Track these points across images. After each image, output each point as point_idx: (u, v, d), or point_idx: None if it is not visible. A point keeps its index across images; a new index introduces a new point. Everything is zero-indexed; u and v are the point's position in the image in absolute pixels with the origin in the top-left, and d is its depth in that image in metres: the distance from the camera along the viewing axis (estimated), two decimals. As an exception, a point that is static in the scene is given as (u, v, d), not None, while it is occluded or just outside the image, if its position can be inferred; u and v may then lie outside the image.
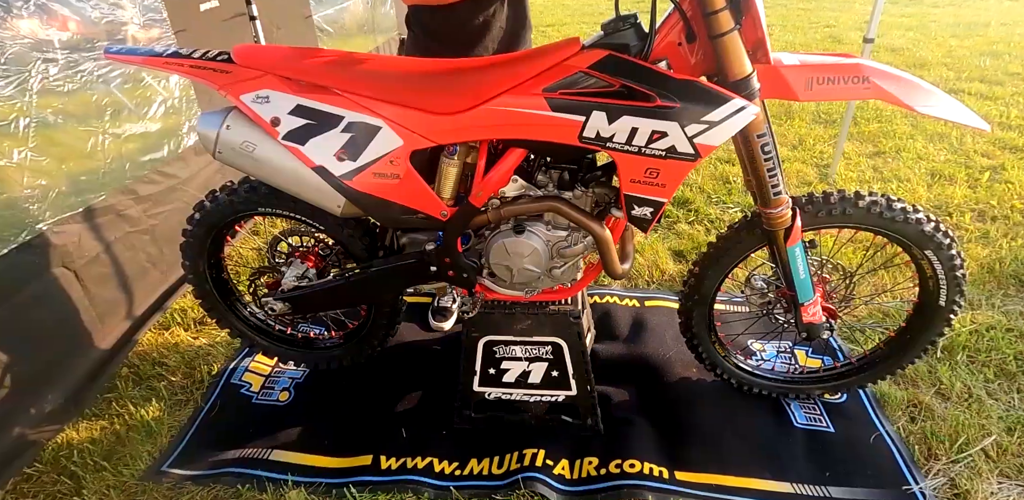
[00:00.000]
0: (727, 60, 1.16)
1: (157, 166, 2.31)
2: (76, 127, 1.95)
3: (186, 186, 2.45)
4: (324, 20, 3.93)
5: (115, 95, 2.14)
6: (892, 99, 1.21)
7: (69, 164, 1.90)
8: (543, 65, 1.25)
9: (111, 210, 2.05)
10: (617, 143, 1.22)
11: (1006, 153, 3.60)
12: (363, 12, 4.67)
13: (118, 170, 2.11)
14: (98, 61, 2.04)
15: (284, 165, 1.38)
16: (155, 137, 2.33)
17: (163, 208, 2.31)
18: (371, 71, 1.34)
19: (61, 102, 1.88)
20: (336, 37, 4.13)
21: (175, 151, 2.43)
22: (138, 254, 2.18)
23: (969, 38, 6.75)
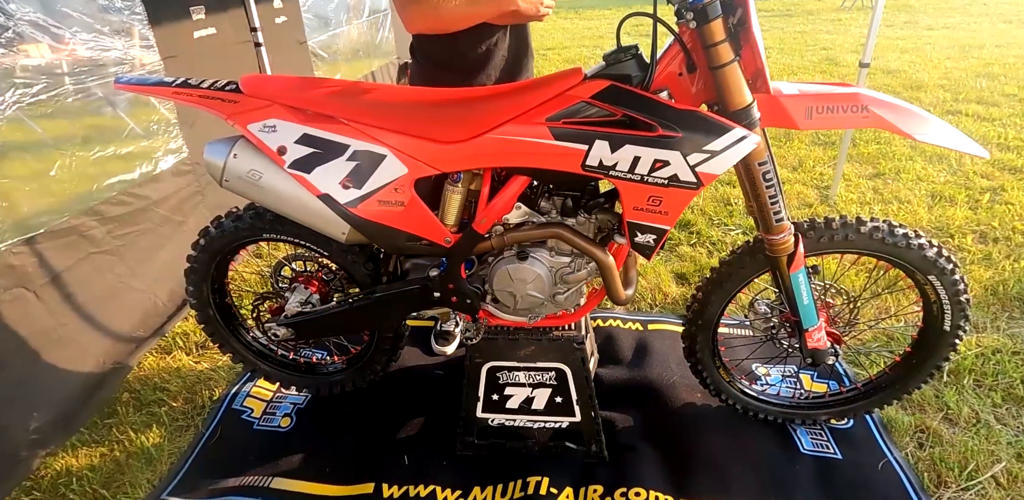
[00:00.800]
0: (727, 90, 1.18)
1: (127, 187, 2.29)
2: (44, 150, 1.97)
3: (157, 207, 2.44)
4: (318, 45, 4.01)
5: (90, 118, 2.16)
6: (891, 127, 1.22)
7: (32, 186, 1.90)
8: (546, 95, 1.27)
9: (73, 231, 2.03)
10: (620, 171, 1.23)
11: (1005, 174, 3.62)
12: (357, 37, 4.77)
13: (84, 192, 2.10)
14: (76, 85, 2.07)
15: (290, 193, 1.40)
16: (128, 159, 2.32)
17: (131, 229, 2.29)
18: (376, 101, 1.36)
19: (30, 126, 1.90)
20: (330, 62, 4.21)
21: (149, 173, 2.42)
22: (105, 275, 2.15)
23: (964, 60, 6.84)
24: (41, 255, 1.91)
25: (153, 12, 2.43)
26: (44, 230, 1.92)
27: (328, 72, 4.18)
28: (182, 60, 2.63)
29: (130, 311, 2.24)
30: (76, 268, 2.03)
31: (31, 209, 1.89)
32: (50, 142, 1.99)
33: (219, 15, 2.91)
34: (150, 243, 2.38)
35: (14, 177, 1.84)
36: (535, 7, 1.61)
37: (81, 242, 2.07)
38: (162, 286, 2.40)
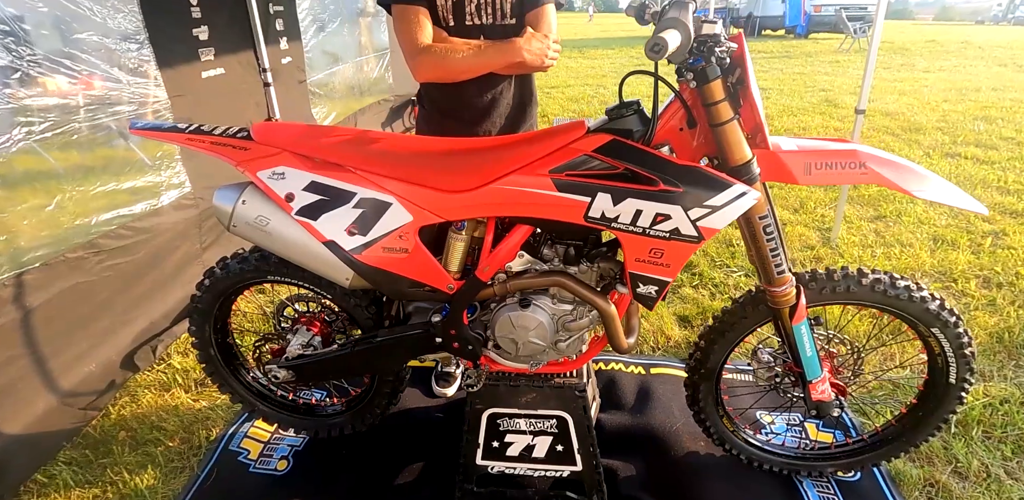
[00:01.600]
0: (728, 147, 1.21)
1: (127, 221, 2.32)
2: (48, 183, 2.00)
3: (156, 240, 2.47)
4: (315, 84, 4.13)
5: (93, 153, 2.21)
6: (889, 184, 1.24)
7: (31, 220, 1.93)
8: (550, 147, 1.30)
9: (67, 263, 2.05)
10: (622, 224, 1.25)
11: (1006, 218, 3.64)
12: (354, 75, 4.94)
13: (83, 226, 2.13)
14: (82, 123, 2.13)
15: (296, 239, 1.41)
16: (129, 194, 2.36)
17: (123, 259, 2.30)
18: (383, 150, 1.39)
19: (42, 156, 1.95)
20: (326, 98, 4.33)
21: (150, 208, 2.45)
22: (85, 304, 2.14)
23: (961, 103, 6.97)
24: (27, 286, 1.91)
25: (161, 54, 2.51)
26: (39, 264, 1.94)
27: (325, 108, 4.29)
28: (189, 99, 2.70)
29: (103, 337, 2.22)
30: (62, 296, 2.03)
31: (28, 243, 1.92)
32: (58, 173, 2.04)
33: (228, 57, 3.01)
34: (139, 270, 2.39)
35: (12, 211, 1.87)
36: (540, 59, 1.66)
37: (72, 273, 2.08)
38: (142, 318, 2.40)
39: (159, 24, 2.49)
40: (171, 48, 2.59)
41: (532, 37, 1.64)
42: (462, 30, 1.67)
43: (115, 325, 2.28)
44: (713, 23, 1.06)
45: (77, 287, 2.09)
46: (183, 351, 2.51)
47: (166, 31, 2.54)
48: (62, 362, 2.03)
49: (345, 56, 4.82)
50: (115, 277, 2.26)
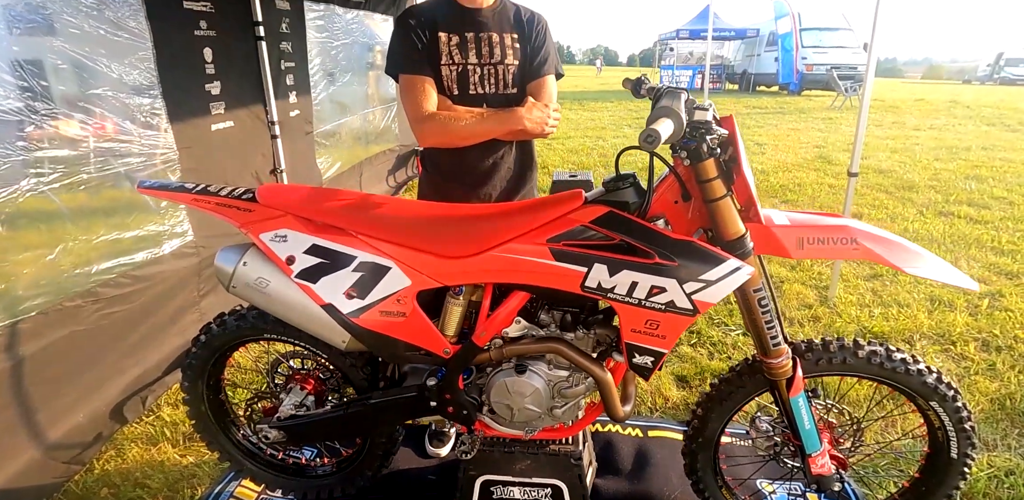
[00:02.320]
0: (721, 222, 1.24)
1: (127, 270, 2.32)
2: (50, 232, 2.02)
3: (154, 288, 2.47)
4: (321, 135, 4.25)
5: (100, 203, 2.25)
6: (881, 260, 1.26)
7: (31, 268, 1.94)
8: (548, 217, 1.33)
9: (64, 311, 2.04)
10: (618, 294, 1.26)
11: (1002, 279, 3.66)
12: (359, 127, 5.08)
13: (83, 274, 2.13)
14: (91, 174, 2.17)
15: (294, 301, 1.42)
16: (132, 242, 2.38)
17: (120, 307, 2.29)
18: (385, 215, 1.42)
19: (40, 210, 1.97)
20: (332, 148, 4.44)
21: (151, 256, 2.46)
22: (79, 353, 2.12)
23: (952, 161, 7.13)
24: (23, 334, 1.90)
25: (173, 108, 2.59)
26: (36, 313, 1.93)
27: (330, 158, 4.39)
28: (198, 150, 2.77)
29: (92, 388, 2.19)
30: (55, 346, 2.01)
31: (26, 292, 1.92)
32: (64, 222, 2.07)
33: (238, 110, 3.10)
34: (134, 322, 2.37)
35: (14, 260, 1.89)
36: (540, 127, 1.71)
37: (67, 321, 2.07)
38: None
39: (173, 79, 2.58)
40: (183, 102, 2.67)
41: (533, 106, 1.70)
42: (466, 99, 1.73)
43: (106, 375, 2.26)
44: (704, 110, 1.11)
45: (72, 336, 2.08)
46: (173, 402, 2.47)
47: (179, 86, 2.64)
48: (50, 413, 1.99)
49: (353, 108, 4.97)
50: (110, 326, 2.25)
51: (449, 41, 1.71)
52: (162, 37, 2.49)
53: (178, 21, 2.63)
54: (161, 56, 2.50)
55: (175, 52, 2.59)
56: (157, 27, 2.47)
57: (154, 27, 2.46)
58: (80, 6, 2.15)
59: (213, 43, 2.85)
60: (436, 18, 1.72)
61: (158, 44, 2.48)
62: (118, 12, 2.30)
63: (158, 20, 2.47)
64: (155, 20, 2.45)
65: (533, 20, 1.80)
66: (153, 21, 2.45)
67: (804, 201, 5.39)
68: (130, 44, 2.37)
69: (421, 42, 1.70)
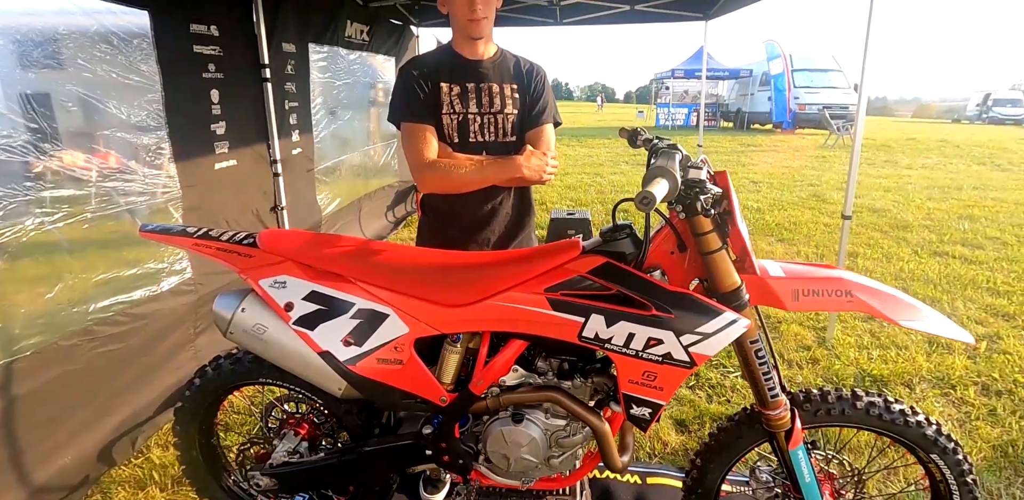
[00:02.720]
0: (717, 274, 1.25)
1: (125, 308, 2.32)
2: (50, 271, 2.03)
3: (151, 326, 2.45)
4: (322, 172, 4.32)
5: (101, 242, 2.26)
6: (876, 312, 1.27)
7: (29, 308, 1.93)
8: (546, 266, 1.34)
9: (59, 350, 2.02)
10: (615, 345, 1.27)
11: (999, 320, 3.66)
12: (359, 163, 5.17)
13: (80, 313, 2.12)
14: (94, 213, 2.19)
15: (291, 348, 1.42)
16: (130, 280, 2.38)
17: (116, 346, 2.27)
18: (384, 262, 1.44)
19: (42, 250, 1.99)
20: (331, 184, 4.52)
21: (149, 294, 2.45)
22: (70, 393, 2.09)
23: (945, 201, 7.22)
24: (16, 373, 1.88)
25: (178, 148, 2.63)
26: (30, 352, 1.92)
27: (330, 194, 4.44)
28: (201, 189, 2.80)
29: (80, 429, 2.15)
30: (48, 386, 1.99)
31: (23, 330, 1.91)
32: (65, 261, 2.08)
33: (241, 149, 3.15)
34: (128, 360, 2.35)
35: (12, 299, 1.88)
36: (539, 174, 1.74)
37: (63, 361, 2.05)
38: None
39: (180, 120, 2.63)
40: (188, 142, 2.72)
41: (532, 154, 1.73)
42: (466, 147, 1.77)
43: (97, 415, 2.22)
44: (699, 168, 1.14)
45: (64, 375, 2.07)
46: (164, 444, 2.42)
47: (185, 127, 2.69)
48: (36, 455, 1.95)
49: (354, 144, 5.06)
50: (104, 365, 2.23)
51: (451, 91, 1.76)
52: (171, 80, 2.56)
53: (187, 64, 2.71)
54: (169, 98, 2.56)
55: (183, 94, 2.65)
56: (167, 70, 2.54)
57: (164, 70, 2.52)
58: (95, 51, 2.21)
59: (220, 85, 2.92)
60: (439, 69, 1.77)
61: (167, 86, 2.54)
62: (130, 56, 2.37)
63: (168, 64, 2.54)
64: (165, 64, 2.52)
65: (532, 71, 1.86)
66: (163, 64, 2.52)
67: (800, 240, 5.43)
68: (140, 86, 2.44)
69: (423, 92, 1.74)
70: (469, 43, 1.78)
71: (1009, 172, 10.01)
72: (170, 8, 2.55)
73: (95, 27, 2.21)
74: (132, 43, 2.37)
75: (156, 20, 2.47)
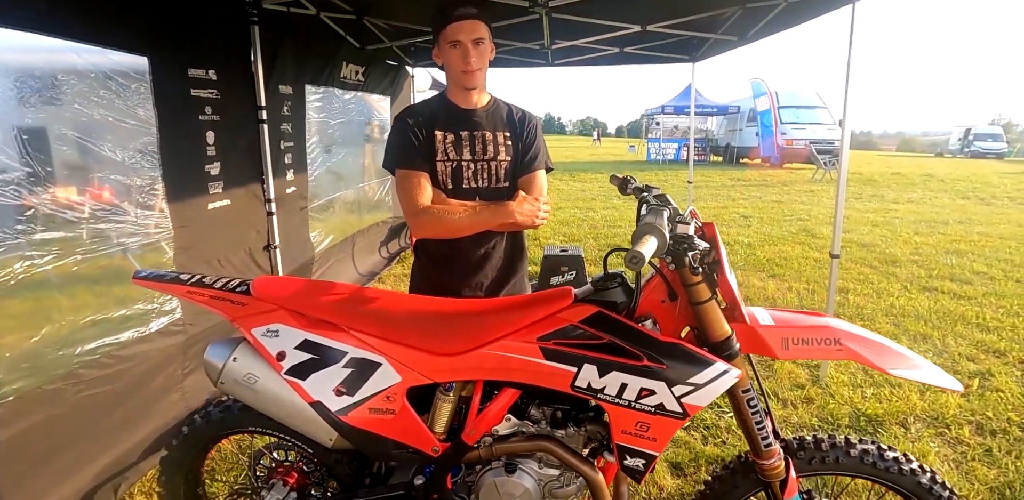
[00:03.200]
0: (707, 324, 1.27)
1: (112, 350, 2.29)
2: (38, 314, 2.01)
3: (138, 368, 2.42)
4: (315, 209, 4.35)
5: (91, 283, 2.24)
6: (866, 361, 1.28)
7: (15, 352, 1.91)
8: (538, 315, 1.35)
9: (43, 395, 1.99)
10: (608, 395, 1.27)
11: (990, 357, 3.67)
12: (353, 200, 5.22)
13: (66, 356, 2.10)
14: (85, 255, 2.18)
15: (282, 399, 1.41)
16: (119, 322, 2.35)
17: (101, 388, 2.23)
18: (377, 310, 1.44)
19: (29, 293, 1.97)
20: (325, 221, 4.54)
21: (137, 335, 2.43)
22: (52, 438, 2.04)
23: (932, 235, 7.33)
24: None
25: (172, 189, 2.65)
26: (13, 398, 1.88)
27: (322, 232, 4.46)
28: (193, 229, 2.80)
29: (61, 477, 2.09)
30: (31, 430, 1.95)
31: (7, 375, 1.88)
32: (53, 303, 2.05)
33: (235, 189, 3.17)
34: (113, 403, 2.31)
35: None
36: (531, 220, 1.77)
37: (47, 406, 2.01)
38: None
39: (175, 162, 2.66)
40: (183, 183, 2.74)
41: (524, 200, 1.76)
42: (459, 193, 1.80)
43: (79, 460, 2.17)
44: (687, 223, 1.17)
45: (47, 420, 2.02)
46: (147, 491, 2.36)
47: (180, 168, 2.71)
48: (10, 505, 1.90)
49: (348, 181, 5.10)
50: (88, 409, 2.19)
51: (445, 139, 1.80)
52: (167, 123, 2.59)
53: (184, 107, 2.75)
54: (165, 140, 2.59)
55: (179, 136, 2.69)
56: (163, 114, 2.57)
57: (160, 114, 2.56)
58: (92, 96, 2.25)
59: (216, 127, 2.96)
60: (433, 117, 1.82)
61: (163, 129, 2.58)
62: (128, 100, 2.41)
63: (165, 107, 2.58)
64: (162, 107, 2.56)
65: (525, 119, 1.91)
66: (160, 108, 2.56)
67: (791, 276, 5.47)
68: (136, 129, 2.47)
69: (418, 139, 1.78)
70: (463, 93, 1.83)
71: (993, 206, 10.21)
72: (169, 53, 2.61)
73: (94, 73, 2.25)
74: (130, 87, 2.41)
75: (155, 65, 2.52)
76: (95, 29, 2.22)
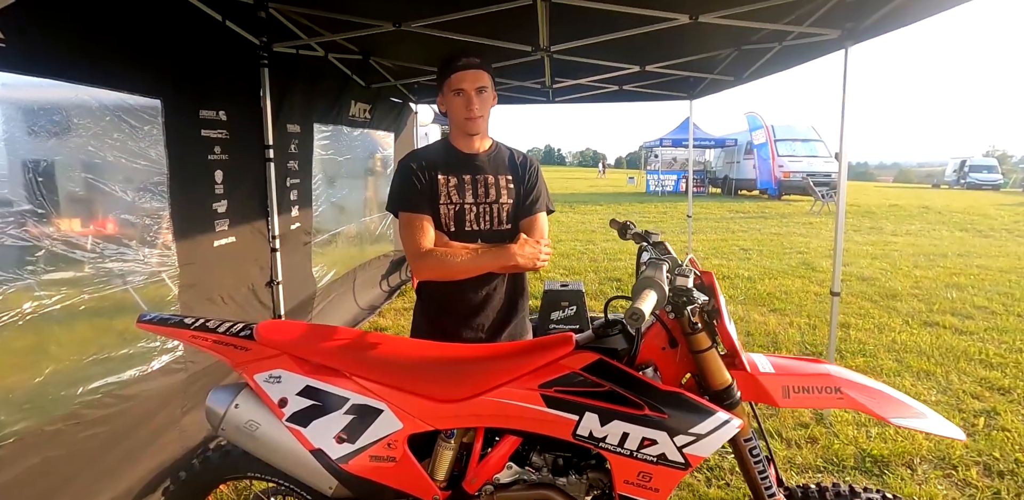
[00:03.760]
0: (708, 373, 1.28)
1: (113, 389, 2.28)
2: (41, 354, 2.01)
3: (138, 407, 2.40)
4: (318, 245, 4.39)
5: (95, 323, 2.25)
6: (867, 410, 1.29)
7: (17, 393, 1.91)
8: (539, 362, 1.36)
9: (43, 436, 1.97)
10: (609, 444, 1.27)
11: (995, 395, 3.64)
12: (355, 234, 5.27)
13: (68, 396, 2.09)
14: (91, 294, 2.20)
15: (283, 446, 1.41)
16: (121, 360, 2.34)
17: (101, 429, 2.21)
18: (379, 356, 1.45)
19: (34, 333, 1.97)
20: (327, 255, 4.58)
21: (139, 374, 2.42)
22: (48, 480, 2.01)
23: (931, 269, 7.34)
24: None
25: (180, 227, 2.68)
26: (13, 439, 1.87)
27: (325, 267, 4.49)
28: (199, 266, 2.83)
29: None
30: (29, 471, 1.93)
31: (8, 417, 1.87)
32: (57, 343, 2.05)
33: (240, 226, 3.21)
34: (112, 443, 2.28)
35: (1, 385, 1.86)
36: (532, 262, 1.79)
37: (46, 447, 1.99)
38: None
39: (183, 202, 2.70)
40: (190, 222, 2.78)
41: (525, 243, 1.79)
42: (462, 235, 1.83)
43: (74, 503, 2.14)
44: (686, 276, 1.19)
45: (45, 462, 2.00)
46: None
47: (188, 207, 2.75)
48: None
49: (351, 215, 5.16)
50: (87, 449, 2.17)
51: (447, 182, 1.85)
52: (177, 163, 2.65)
53: (194, 148, 2.82)
54: (174, 180, 2.64)
55: (188, 176, 2.74)
56: (174, 154, 2.63)
57: (171, 154, 2.62)
58: (106, 139, 2.31)
59: (224, 166, 3.02)
60: (436, 162, 1.86)
61: (173, 169, 2.63)
62: (140, 142, 2.47)
63: (176, 148, 2.64)
64: (173, 148, 2.62)
65: (526, 163, 1.96)
66: (171, 148, 2.62)
67: (792, 310, 5.47)
68: (147, 170, 2.52)
69: (421, 183, 1.82)
70: (466, 138, 1.88)
71: (991, 238, 10.25)
72: (182, 96, 2.69)
73: (109, 117, 2.31)
74: (143, 129, 2.48)
75: (168, 107, 2.59)
76: (111, 74, 2.29)
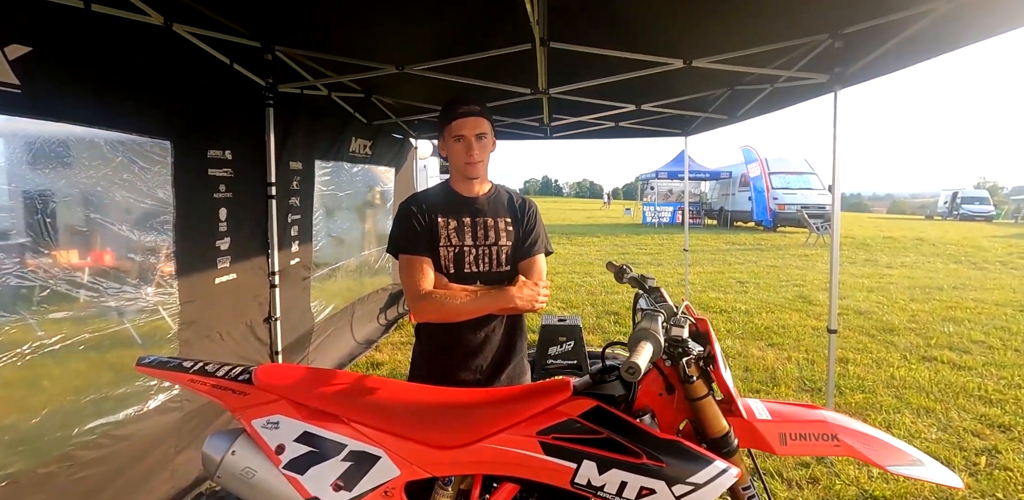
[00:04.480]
0: (704, 420, 1.29)
1: (109, 429, 2.27)
2: (38, 396, 2.01)
3: (131, 447, 2.39)
4: (317, 279, 4.41)
5: (94, 362, 2.25)
6: (864, 458, 1.30)
7: (11, 435, 1.90)
8: (537, 408, 1.37)
9: (35, 478, 1.96)
10: (608, 493, 1.27)
11: (996, 432, 3.62)
12: (355, 268, 5.31)
13: (63, 437, 2.08)
14: (90, 333, 2.21)
15: (278, 494, 1.40)
16: (117, 400, 2.34)
17: (94, 470, 2.20)
18: (377, 401, 1.46)
19: (32, 373, 1.98)
20: (325, 289, 4.60)
21: (135, 414, 2.42)
22: None
23: (927, 302, 7.36)
24: None
25: (183, 266, 2.71)
26: (5, 483, 1.86)
27: (323, 302, 4.50)
28: (199, 303, 2.84)
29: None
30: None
31: (3, 460, 1.86)
32: (54, 383, 2.05)
33: (241, 263, 3.24)
34: (104, 484, 2.25)
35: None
36: (531, 304, 1.82)
37: (37, 490, 1.98)
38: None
39: (187, 240, 2.74)
40: (192, 259, 2.81)
41: (524, 285, 1.82)
42: (461, 277, 1.86)
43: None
44: (681, 327, 1.22)
45: (34, 504, 1.98)
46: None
47: (192, 245, 2.79)
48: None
49: (350, 250, 5.20)
50: (78, 491, 2.15)
51: (447, 225, 1.88)
52: (184, 202, 2.70)
53: (201, 187, 2.87)
54: (180, 219, 2.68)
55: (193, 214, 2.79)
56: (181, 194, 2.68)
57: (178, 194, 2.67)
58: (115, 179, 2.35)
59: (228, 204, 3.07)
60: (436, 205, 1.91)
61: (179, 208, 2.68)
62: (150, 183, 2.52)
63: (184, 188, 2.69)
64: (180, 187, 2.67)
65: (525, 206, 2.00)
66: (179, 188, 2.67)
67: (789, 345, 5.46)
68: (154, 209, 2.56)
69: (421, 225, 1.86)
70: (466, 182, 1.93)
71: (985, 270, 10.30)
72: (190, 136, 2.75)
73: (120, 157, 2.37)
74: (152, 170, 2.53)
75: (177, 149, 2.65)
76: (123, 117, 2.36)
